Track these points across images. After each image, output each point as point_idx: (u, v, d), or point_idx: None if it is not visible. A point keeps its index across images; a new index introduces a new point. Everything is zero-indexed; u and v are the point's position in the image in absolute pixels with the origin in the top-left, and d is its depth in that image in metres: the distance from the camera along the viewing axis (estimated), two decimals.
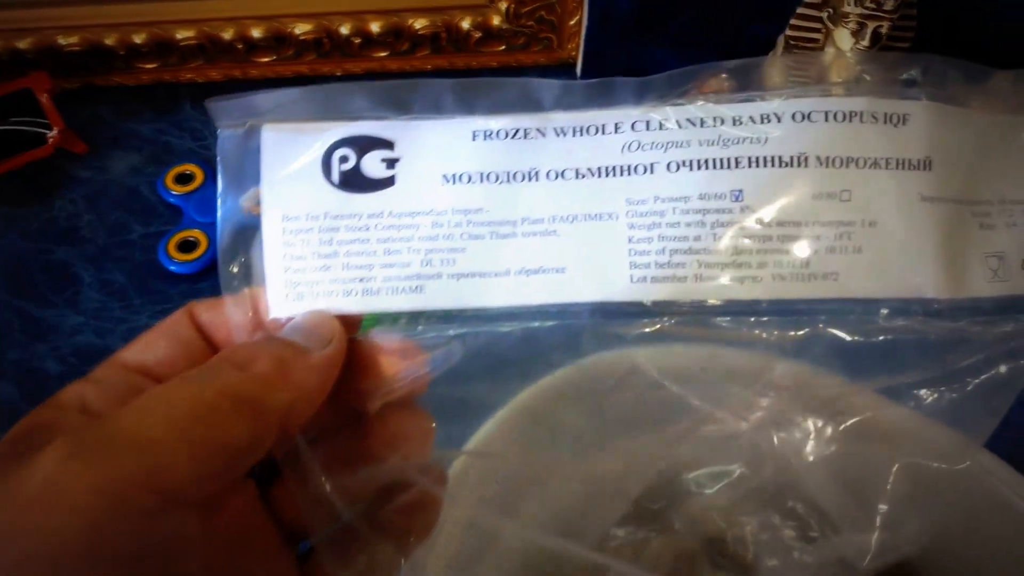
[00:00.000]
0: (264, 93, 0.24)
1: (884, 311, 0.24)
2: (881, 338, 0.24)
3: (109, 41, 0.55)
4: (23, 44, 0.54)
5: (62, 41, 0.54)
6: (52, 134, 0.53)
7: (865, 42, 0.46)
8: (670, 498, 0.32)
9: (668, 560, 0.32)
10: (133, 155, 0.56)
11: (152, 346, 0.23)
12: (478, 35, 0.57)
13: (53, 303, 0.50)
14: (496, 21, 0.57)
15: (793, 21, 0.49)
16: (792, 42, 0.49)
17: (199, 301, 0.24)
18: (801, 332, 0.25)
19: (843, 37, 0.47)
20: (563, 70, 0.61)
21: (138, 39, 0.55)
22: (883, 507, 0.27)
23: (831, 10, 0.47)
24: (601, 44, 0.57)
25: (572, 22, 0.57)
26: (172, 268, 0.51)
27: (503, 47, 0.58)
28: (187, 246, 0.51)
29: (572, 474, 0.31)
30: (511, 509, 0.31)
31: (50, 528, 0.17)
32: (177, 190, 0.53)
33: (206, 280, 0.51)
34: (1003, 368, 0.25)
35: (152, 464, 0.18)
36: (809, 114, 0.24)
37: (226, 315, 0.24)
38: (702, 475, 0.28)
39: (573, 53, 0.58)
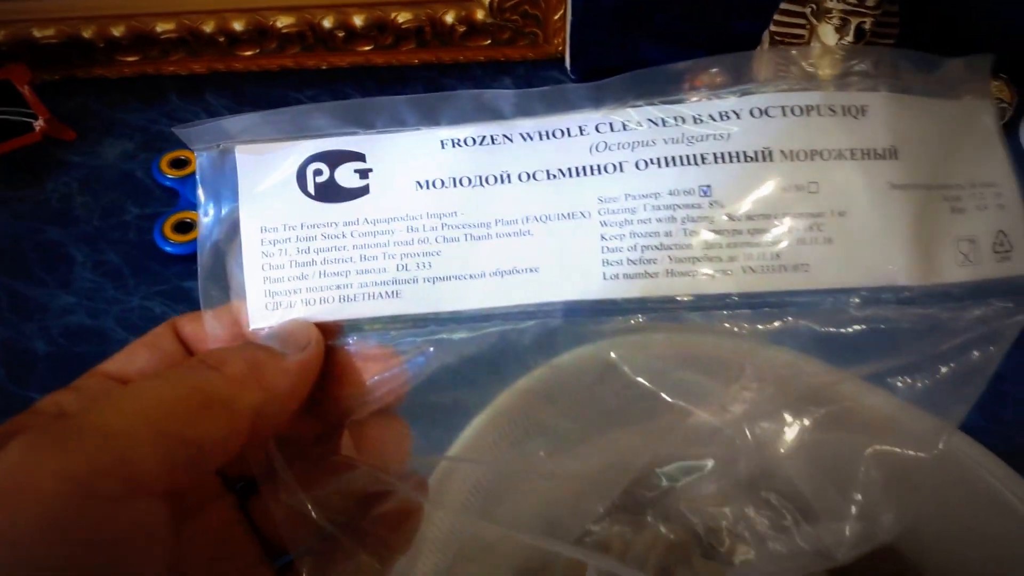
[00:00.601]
0: (231, 118, 0.24)
1: (856, 300, 0.24)
2: (853, 328, 0.24)
3: (87, 34, 0.55)
4: None
5: (37, 34, 0.54)
6: (39, 122, 0.53)
7: (849, 38, 0.46)
8: (658, 491, 0.32)
9: (660, 551, 0.32)
10: (125, 142, 0.56)
11: (134, 357, 0.23)
12: (463, 29, 0.57)
13: (44, 283, 0.49)
14: (480, 15, 0.57)
15: (776, 17, 0.49)
16: (777, 38, 0.49)
17: (183, 315, 0.24)
18: (774, 324, 0.24)
19: (827, 33, 0.47)
20: (552, 65, 0.61)
21: (116, 32, 0.55)
22: (858, 495, 0.27)
23: (814, 6, 0.47)
24: (586, 38, 0.57)
25: (556, 17, 0.57)
26: (168, 249, 0.50)
27: (489, 41, 0.58)
28: (183, 227, 0.51)
29: (553, 474, 0.30)
30: (494, 512, 0.31)
31: (11, 514, 0.16)
32: (173, 174, 0.53)
33: None
34: (975, 353, 0.25)
35: (117, 452, 0.18)
36: (766, 109, 0.24)
37: (206, 328, 0.24)
38: (674, 469, 0.27)
39: (560, 48, 0.59)
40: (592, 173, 0.24)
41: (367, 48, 0.58)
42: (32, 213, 0.52)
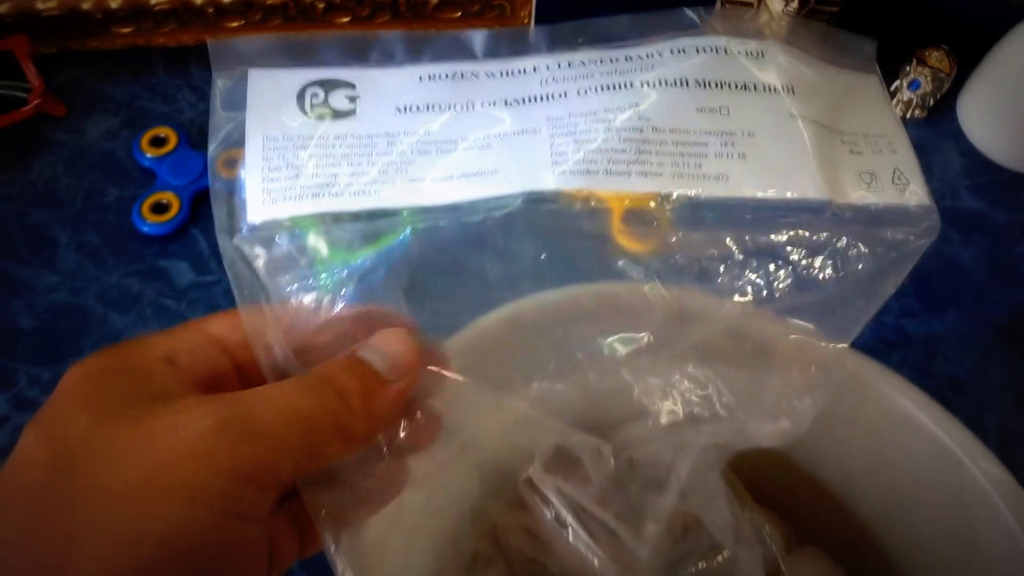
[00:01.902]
0: (248, 39, 0.30)
1: (777, 208, 0.29)
2: (773, 237, 0.30)
3: (86, 6, 0.60)
4: (2, 8, 0.59)
5: (40, 5, 0.59)
6: (33, 95, 0.58)
7: (794, 4, 0.53)
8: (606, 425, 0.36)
9: (605, 492, 0.35)
10: (109, 118, 0.61)
11: (229, 325, 0.27)
12: (435, 1, 0.63)
13: (30, 263, 0.55)
14: None
15: None
16: (729, 5, 0.56)
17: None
18: (703, 231, 0.30)
19: (774, 0, 0.53)
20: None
21: (114, 3, 0.60)
22: (773, 398, 0.31)
23: None
24: (551, 10, 0.62)
25: None
26: (145, 230, 0.56)
27: (459, 14, 0.65)
28: (160, 208, 0.57)
29: (523, 399, 0.33)
30: (460, 429, 0.33)
31: (198, 482, 0.22)
32: (152, 152, 0.59)
33: (177, 241, 0.57)
34: (883, 263, 0.30)
35: (274, 454, 0.23)
36: (683, 49, 0.31)
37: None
38: (616, 340, 0.32)
39: (526, 20, 0.65)
40: (542, 100, 0.31)
41: (345, 20, 0.63)
42: (19, 196, 0.57)
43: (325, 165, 0.29)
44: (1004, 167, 0.64)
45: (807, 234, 0.30)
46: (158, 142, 0.59)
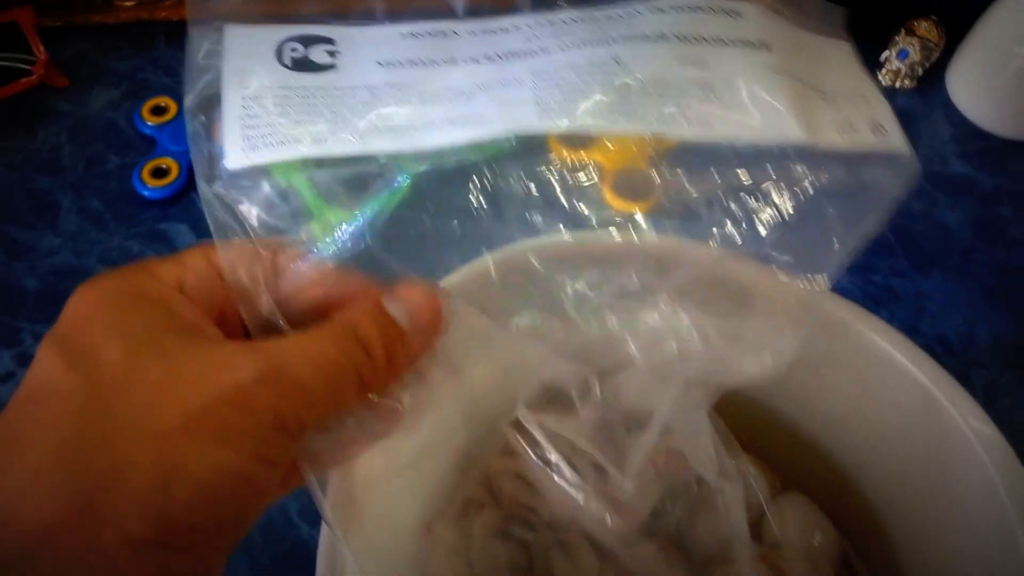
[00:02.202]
0: None
1: (759, 153, 0.30)
2: (755, 180, 0.30)
3: None
4: None
5: None
6: (37, 67, 0.60)
7: None
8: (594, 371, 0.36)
9: (591, 428, 0.35)
10: (112, 90, 0.63)
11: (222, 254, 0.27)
12: None
13: (33, 226, 0.56)
14: None
15: None
16: None
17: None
18: (687, 176, 0.31)
19: None
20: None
21: None
22: (753, 330, 0.32)
23: None
24: None
25: None
26: (145, 193, 0.57)
27: None
28: (160, 173, 0.58)
29: (516, 339, 0.34)
30: (461, 367, 0.34)
31: (237, 427, 0.22)
32: (152, 121, 0.60)
33: (177, 205, 0.58)
34: (863, 205, 0.30)
35: (301, 405, 0.24)
36: (661, 7, 0.32)
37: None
38: (603, 284, 0.32)
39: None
40: (525, 56, 0.31)
41: None
42: (23, 163, 0.59)
43: (306, 114, 0.29)
44: (992, 134, 0.65)
45: (789, 177, 0.30)
46: (159, 111, 0.61)
